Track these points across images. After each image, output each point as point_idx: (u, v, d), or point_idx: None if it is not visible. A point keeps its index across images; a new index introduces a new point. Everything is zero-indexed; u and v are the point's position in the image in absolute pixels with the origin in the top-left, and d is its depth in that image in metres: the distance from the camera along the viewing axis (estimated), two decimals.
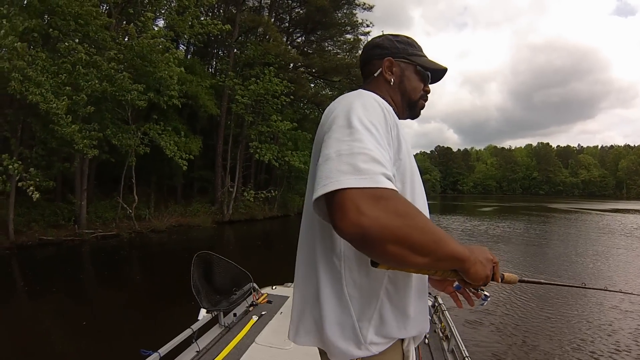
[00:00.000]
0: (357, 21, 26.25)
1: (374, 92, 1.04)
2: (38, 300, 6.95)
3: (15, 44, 9.01)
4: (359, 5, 25.72)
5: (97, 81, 11.31)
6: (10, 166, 9.23)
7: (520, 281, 1.14)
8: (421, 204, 1.06)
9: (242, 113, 19.15)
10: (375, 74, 1.19)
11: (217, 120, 19.84)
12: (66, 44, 10.71)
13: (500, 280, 1.03)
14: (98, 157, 14.18)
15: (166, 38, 13.41)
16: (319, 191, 0.77)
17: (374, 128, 0.86)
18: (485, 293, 1.02)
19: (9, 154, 9.73)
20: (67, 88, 10.56)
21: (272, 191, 20.81)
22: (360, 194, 0.73)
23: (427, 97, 1.27)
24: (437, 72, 1.24)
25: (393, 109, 1.03)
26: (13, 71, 9.22)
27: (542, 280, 1.39)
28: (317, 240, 1.00)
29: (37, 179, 10.08)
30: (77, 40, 11.29)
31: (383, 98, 1.04)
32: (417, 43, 1.24)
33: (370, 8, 25.87)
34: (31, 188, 9.78)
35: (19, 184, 9.80)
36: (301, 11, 25.66)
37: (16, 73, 9.27)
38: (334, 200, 0.75)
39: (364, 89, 1.07)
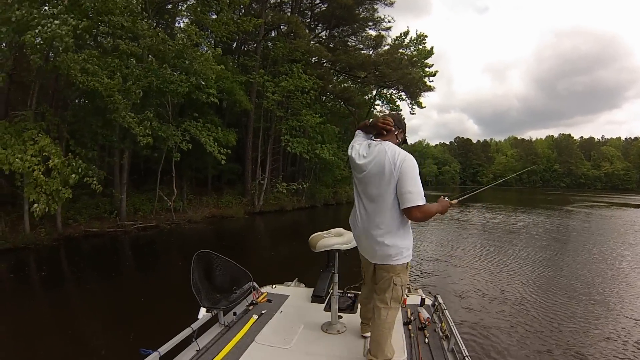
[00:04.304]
0: (379, 17, 26.54)
1: (392, 141, 2.45)
2: (65, 292, 7.60)
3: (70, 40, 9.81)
4: (380, 1, 26.02)
5: (141, 70, 12.12)
6: (74, 163, 10.19)
7: (459, 201, 2.69)
8: None
9: (273, 108, 19.88)
10: (396, 133, 2.53)
11: (247, 114, 20.52)
12: (110, 40, 11.55)
13: (452, 204, 2.50)
14: (138, 153, 15.13)
15: (202, 39, 14.13)
16: (416, 202, 2.22)
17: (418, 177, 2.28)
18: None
19: (71, 154, 10.72)
20: (117, 75, 11.40)
21: (303, 183, 21.60)
22: (421, 207, 2.23)
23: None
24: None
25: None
26: (72, 62, 10.09)
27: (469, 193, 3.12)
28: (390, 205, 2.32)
29: (98, 175, 11.04)
30: (123, 37, 11.96)
31: (394, 142, 2.46)
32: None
33: (391, 4, 26.14)
34: (94, 183, 10.74)
35: (84, 180, 10.71)
36: (323, 7, 26.00)
37: (75, 64, 10.14)
38: (415, 206, 2.23)
39: (395, 144, 2.45)
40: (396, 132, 2.52)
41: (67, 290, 7.77)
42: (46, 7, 9.95)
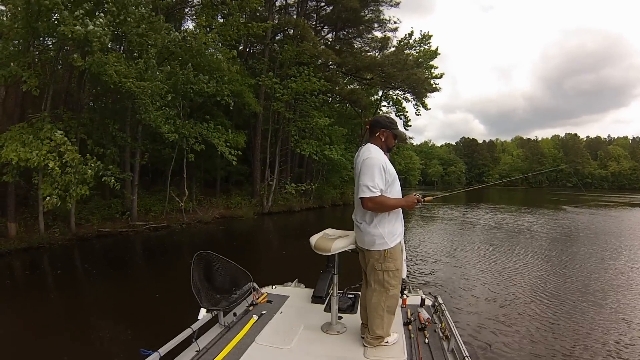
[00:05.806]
0: (385, 18, 26.55)
1: (376, 143, 2.73)
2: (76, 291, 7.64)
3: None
4: (385, 2, 26.02)
5: (165, 73, 12.39)
6: (93, 164, 10.36)
7: (434, 198, 3.12)
8: (396, 192, 2.70)
9: (282, 111, 20.11)
10: (377, 134, 2.76)
11: (255, 116, 20.66)
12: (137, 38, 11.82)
13: (422, 202, 2.72)
14: (152, 155, 15.33)
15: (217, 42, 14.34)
16: (363, 195, 2.55)
17: (377, 172, 2.54)
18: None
19: (89, 153, 10.89)
20: (149, 73, 11.70)
21: (311, 184, 21.82)
22: (372, 197, 2.52)
23: (396, 145, 3.03)
24: (402, 137, 2.99)
25: (382, 149, 2.72)
26: (107, 64, 10.43)
27: (444, 193, 4.11)
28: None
29: (116, 174, 11.27)
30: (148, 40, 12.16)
31: (379, 145, 2.72)
32: (395, 121, 2.90)
33: (397, 4, 26.13)
34: (112, 181, 10.94)
35: (102, 179, 10.93)
36: (328, 9, 25.97)
37: (111, 66, 10.46)
38: (365, 197, 2.55)
39: (372, 143, 2.73)
40: (377, 134, 2.78)
41: (80, 288, 7.89)
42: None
